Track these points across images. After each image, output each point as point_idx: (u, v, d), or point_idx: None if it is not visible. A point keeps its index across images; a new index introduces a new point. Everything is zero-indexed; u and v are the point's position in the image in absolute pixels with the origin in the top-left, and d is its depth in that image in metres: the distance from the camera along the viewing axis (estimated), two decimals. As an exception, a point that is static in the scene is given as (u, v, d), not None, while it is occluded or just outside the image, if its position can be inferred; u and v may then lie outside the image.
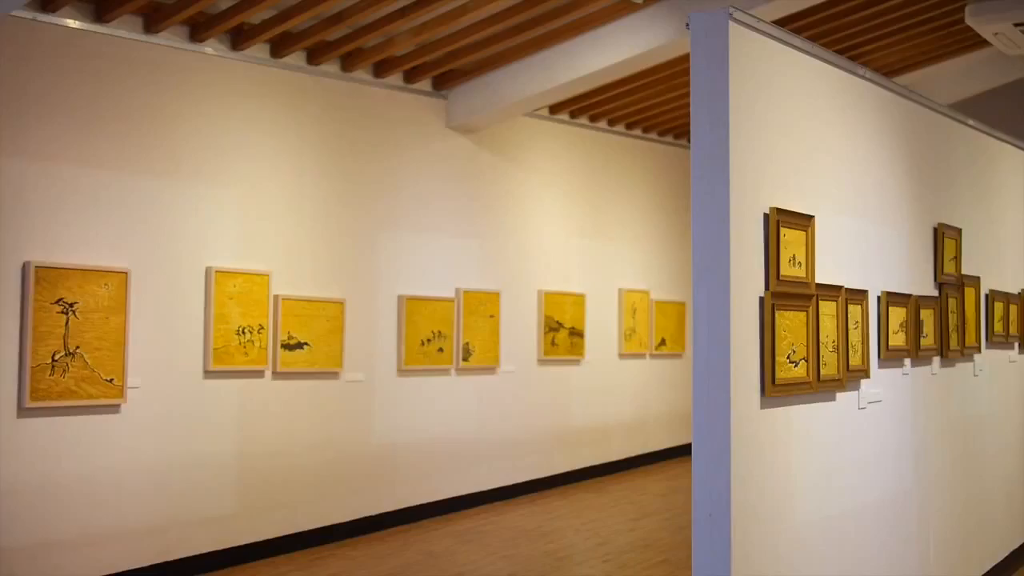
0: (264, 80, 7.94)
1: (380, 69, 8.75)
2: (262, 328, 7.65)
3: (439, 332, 9.16)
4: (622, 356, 11.60)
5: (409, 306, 8.89)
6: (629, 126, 11.75)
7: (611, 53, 8.28)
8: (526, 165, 10.42)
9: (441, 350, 9.18)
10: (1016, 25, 8.82)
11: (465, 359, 9.44)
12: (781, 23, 7.98)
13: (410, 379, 8.95)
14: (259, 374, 7.70)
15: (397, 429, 8.81)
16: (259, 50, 7.87)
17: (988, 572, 6.62)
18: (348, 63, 8.45)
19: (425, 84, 9.24)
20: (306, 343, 7.97)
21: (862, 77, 5.18)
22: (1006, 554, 6.99)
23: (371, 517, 8.55)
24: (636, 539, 8.18)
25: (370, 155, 8.72)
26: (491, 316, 9.72)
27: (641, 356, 11.91)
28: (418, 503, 9.00)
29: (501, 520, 9.04)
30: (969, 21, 8.84)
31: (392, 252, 8.84)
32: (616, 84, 9.85)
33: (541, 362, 10.43)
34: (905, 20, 9.53)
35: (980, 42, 10.17)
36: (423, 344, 9.02)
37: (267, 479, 7.75)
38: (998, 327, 6.90)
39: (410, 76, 9.03)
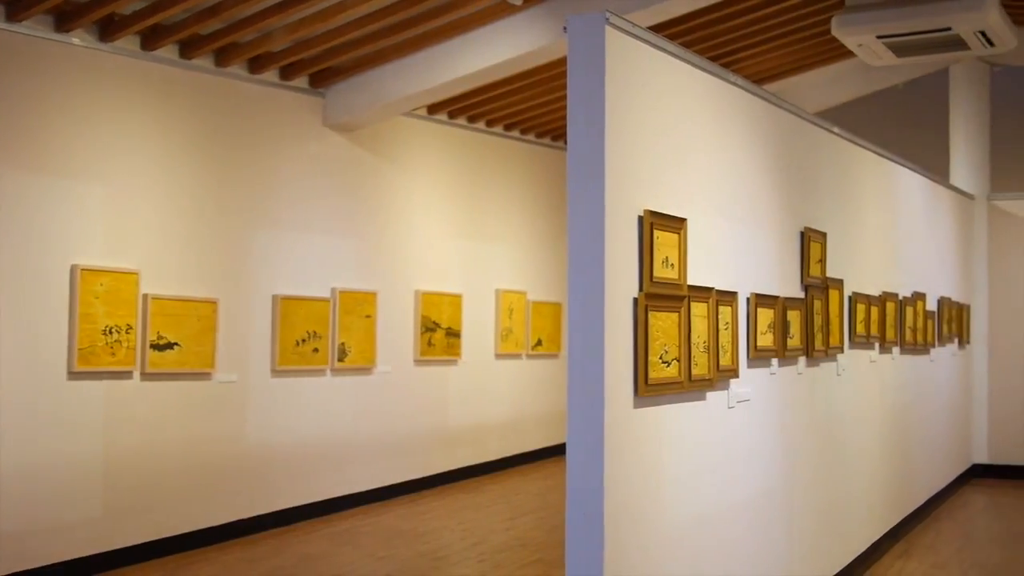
0: (134, 73, 7.72)
1: (255, 65, 8.59)
2: (130, 328, 7.44)
3: (314, 332, 9.05)
4: (499, 356, 11.64)
5: (284, 306, 8.76)
6: (507, 127, 11.81)
7: (490, 54, 8.31)
8: (404, 165, 10.37)
9: (316, 350, 9.08)
10: (879, 37, 9.14)
11: (341, 359, 9.35)
12: (657, 29, 8.11)
13: (284, 380, 8.82)
14: (127, 375, 7.49)
15: (271, 430, 8.68)
16: (129, 42, 7.65)
17: (849, 564, 6.85)
18: (222, 58, 8.28)
19: (302, 81, 9.11)
20: (176, 343, 7.78)
21: (734, 84, 5.30)
22: (866, 547, 7.24)
23: (244, 520, 8.39)
24: (511, 539, 8.22)
25: (244, 152, 8.56)
26: (367, 316, 9.65)
27: (517, 356, 11.98)
28: (293, 505, 8.87)
29: (377, 521, 8.98)
30: (835, 32, 9.13)
31: (267, 251, 8.69)
32: (495, 85, 9.89)
33: (418, 362, 10.39)
34: (775, 30, 9.81)
35: (845, 53, 10.52)
36: (298, 344, 8.89)
37: (135, 482, 7.54)
38: (860, 328, 7.14)
39: (286, 73, 8.90)
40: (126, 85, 7.66)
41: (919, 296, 8.72)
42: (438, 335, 10.60)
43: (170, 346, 7.73)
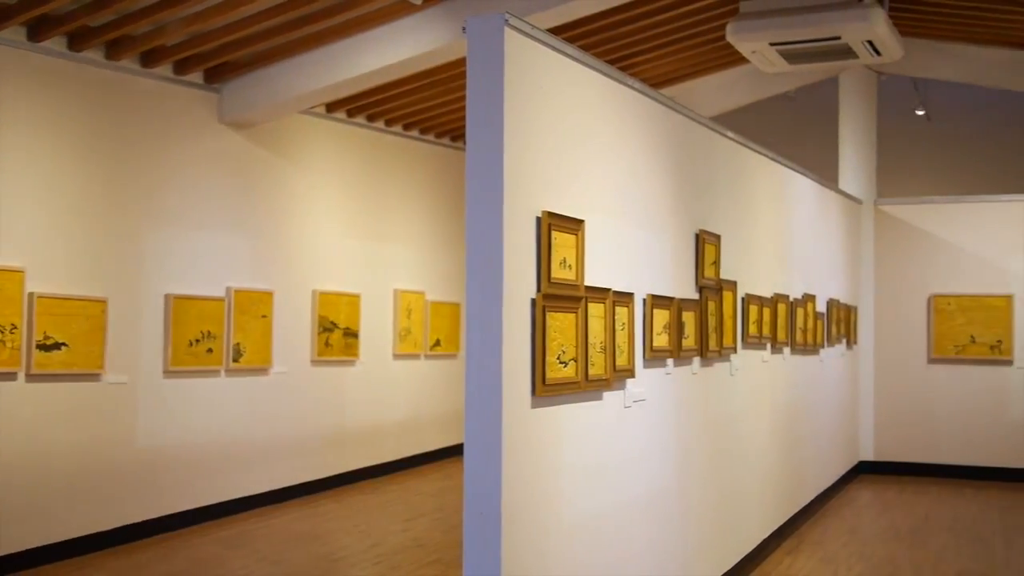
0: (20, 65, 7.47)
1: (148, 59, 8.40)
2: (15, 328, 7.21)
3: (208, 332, 8.88)
4: (397, 357, 11.59)
5: (176, 305, 8.58)
6: (406, 127, 11.76)
7: (389, 53, 8.26)
8: (302, 163, 10.25)
9: (210, 351, 8.91)
10: (772, 44, 9.35)
11: (235, 360, 9.20)
12: (556, 32, 8.16)
13: (177, 381, 8.64)
14: (11, 376, 7.25)
15: (163, 432, 8.49)
16: (14, 32, 7.40)
17: (741, 560, 6.99)
18: (114, 51, 8.07)
19: (196, 76, 8.94)
20: (64, 344, 7.56)
21: (631, 87, 5.37)
22: (757, 543, 7.40)
23: (135, 524, 8.19)
24: (408, 539, 8.19)
25: (136, 148, 8.35)
26: (263, 316, 9.51)
27: (416, 357, 11.94)
28: (185, 509, 8.69)
29: (272, 524, 8.86)
30: (730, 39, 9.31)
31: (159, 249, 8.50)
32: (394, 84, 9.84)
33: (315, 363, 10.28)
34: (672, 35, 9.96)
35: (740, 59, 10.73)
36: (191, 344, 8.72)
37: (20, 487, 7.30)
38: (752, 329, 7.29)
39: (181, 67, 8.71)
40: (12, 78, 7.42)
41: (809, 298, 8.95)
42: (335, 335, 10.51)
43: (57, 346, 7.51)
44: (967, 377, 11.39)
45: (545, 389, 4.31)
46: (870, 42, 9.25)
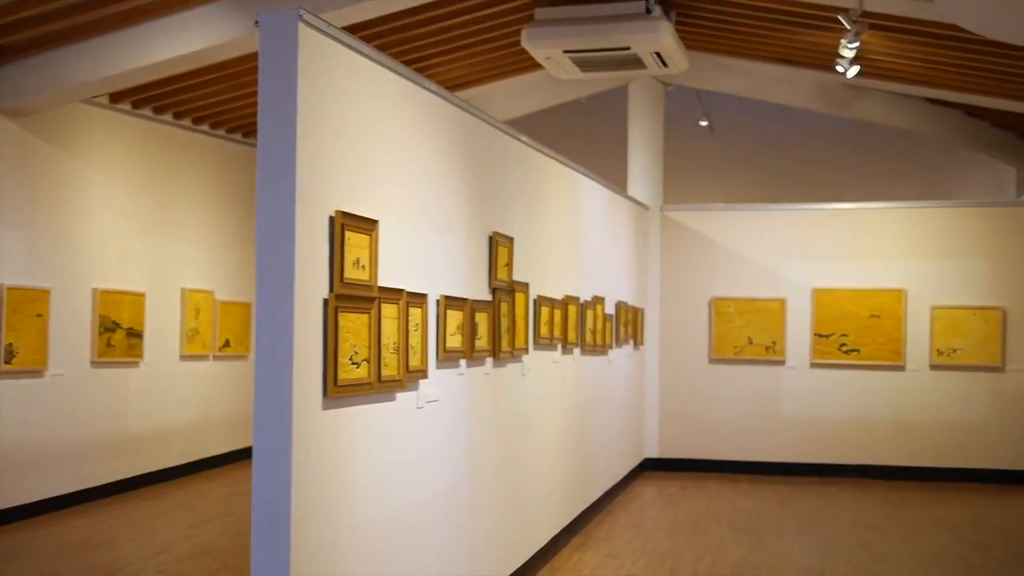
0: None
1: (-88, 39, 7.85)
2: None
3: (-22, 332, 8.36)
4: (184, 358, 11.22)
5: (-58, 303, 8.05)
6: (196, 120, 11.41)
7: (179, 43, 8.00)
8: (83, 155, 9.78)
9: (-20, 352, 8.40)
10: (565, 52, 9.58)
11: (8, 361, 8.69)
12: (352, 30, 8.10)
13: (-58, 384, 8.10)
14: None
15: (-75, 439, 7.94)
16: None
17: (532, 557, 7.11)
18: None
19: (-33, 60, 8.42)
20: None
21: (427, 89, 5.38)
22: (547, 540, 7.54)
23: None
24: (195, 547, 7.95)
25: (-103, 134, 7.79)
26: (39, 315, 9.02)
27: (204, 358, 11.59)
28: (-51, 520, 8.17)
29: (49, 534, 8.41)
30: (524, 45, 9.48)
31: (-77, 243, 7.95)
32: (184, 76, 9.52)
33: (95, 364, 9.83)
34: (469, 38, 10.05)
35: (535, 64, 10.92)
36: (-42, 345, 8.20)
37: None
38: (544, 330, 7.43)
39: (-51, 49, 8.19)
40: None
41: (599, 300, 9.19)
42: (118, 336, 10.08)
43: None
44: (744, 377, 11.97)
45: (337, 390, 4.26)
46: (658, 54, 9.60)
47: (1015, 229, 11.48)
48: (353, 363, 4.40)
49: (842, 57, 9.22)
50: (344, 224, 4.33)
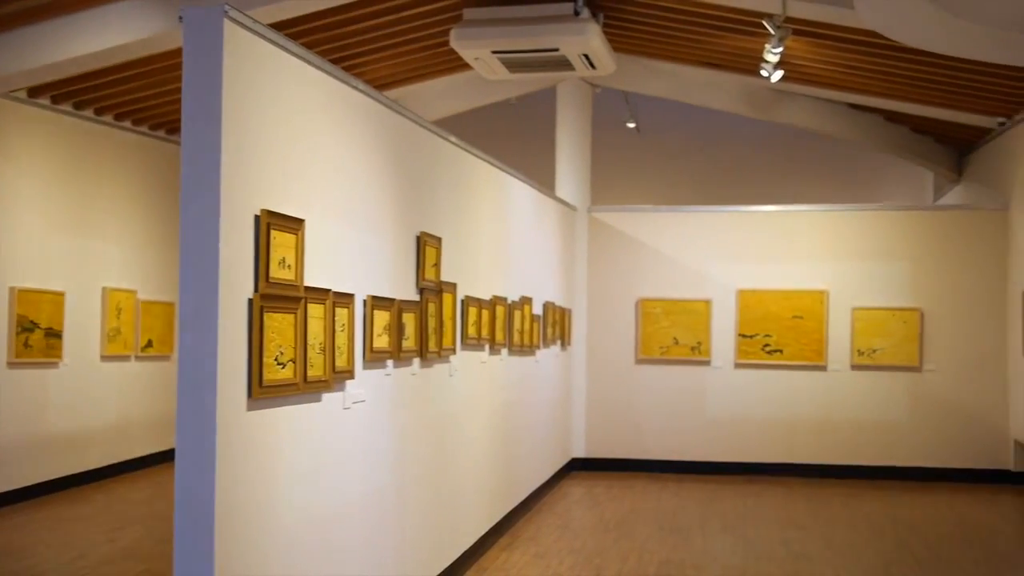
0: None
1: None
2: None
3: None
4: (105, 358, 11.01)
5: None
6: (118, 117, 11.20)
7: (101, 38, 7.86)
8: (0, 151, 9.55)
9: None
10: (494, 52, 9.59)
11: (-79, 362, 8.46)
12: (278, 28, 8.02)
13: None
14: None
15: None
16: None
17: (459, 558, 7.10)
18: None
19: None
20: None
21: (355, 88, 5.35)
22: (474, 541, 7.54)
23: None
24: (116, 551, 7.81)
25: None
26: (-46, 314, 8.80)
27: (126, 358, 11.39)
28: None
29: (-39, 539, 8.21)
30: (453, 44, 9.47)
31: None
32: (106, 71, 9.34)
33: (11, 365, 9.59)
34: (397, 37, 10.00)
35: (464, 64, 10.90)
36: None
37: None
38: (472, 331, 7.43)
39: None
40: None
41: (526, 300, 9.21)
42: (36, 336, 9.86)
43: None
44: (670, 377, 12.08)
45: (262, 391, 4.22)
46: (586, 55, 9.66)
47: (933, 232, 11.75)
48: (279, 363, 4.36)
49: (766, 62, 9.36)
50: (270, 223, 4.29)
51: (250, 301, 4.18)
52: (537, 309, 9.79)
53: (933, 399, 11.58)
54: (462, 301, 7.22)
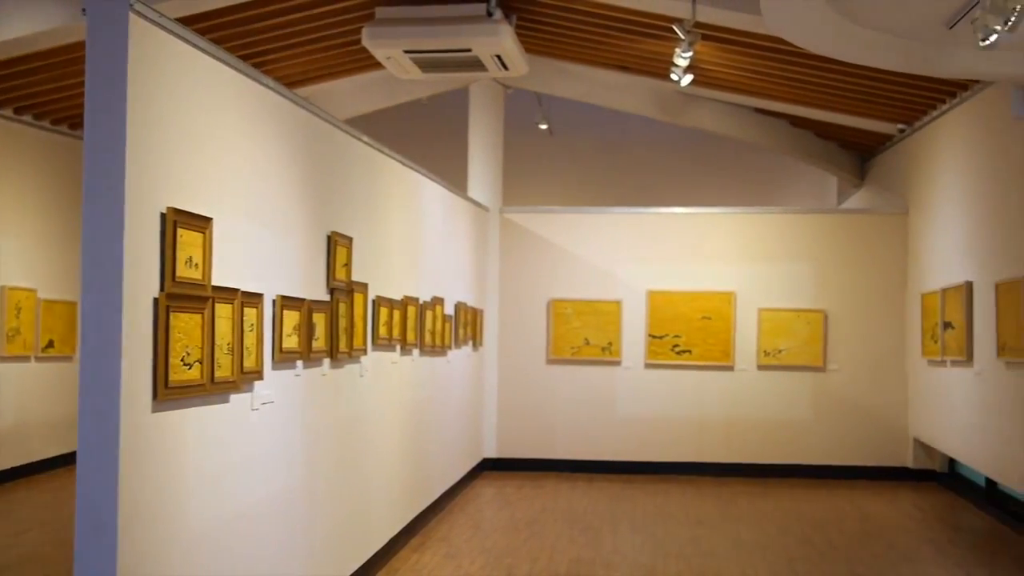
0: None
1: None
2: None
3: None
4: (3, 359, 10.70)
5: None
6: (18, 111, 10.89)
7: (1, 29, 7.63)
8: None
9: None
10: (406, 52, 9.55)
11: None
12: (187, 22, 7.88)
13: None
14: None
15: None
16: None
17: (370, 559, 7.06)
18: None
19: None
20: None
21: (265, 85, 5.28)
22: (385, 542, 7.51)
23: None
24: (15, 557, 7.59)
25: None
26: None
27: (26, 359, 11.08)
28: None
29: None
30: (365, 43, 9.41)
31: None
32: (6, 64, 9.09)
33: (-94, 366, 9.29)
34: (308, 34, 9.91)
35: (376, 63, 10.83)
36: None
37: None
38: (383, 331, 7.39)
39: None
40: None
41: (438, 300, 9.20)
42: (-69, 336, 9.54)
43: None
44: (581, 377, 12.17)
45: (168, 392, 4.15)
46: (498, 56, 9.68)
47: (836, 235, 12.03)
48: (185, 364, 4.28)
49: (676, 66, 9.48)
50: (176, 221, 4.22)
51: (155, 301, 4.10)
52: (449, 309, 9.78)
53: (836, 398, 11.85)
54: (373, 301, 7.18)
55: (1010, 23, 5.99)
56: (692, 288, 12.03)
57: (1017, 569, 7.70)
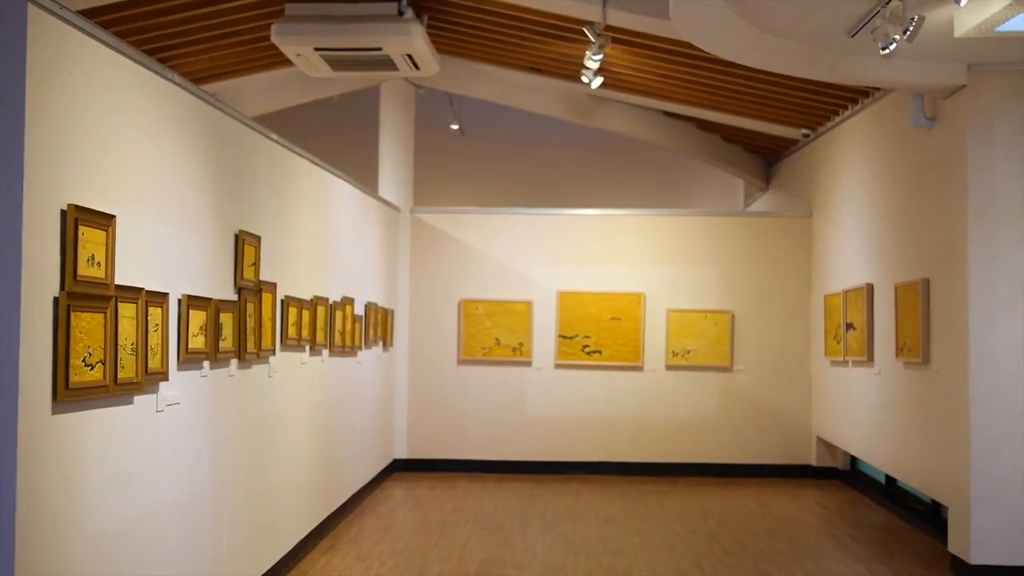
0: None
1: None
2: None
3: None
4: None
5: None
6: (-87, 104, 10.52)
7: None
8: None
9: None
10: (317, 49, 9.46)
11: None
12: (89, 15, 7.70)
13: None
14: None
15: None
16: None
17: (278, 563, 6.98)
18: None
19: None
20: None
21: (171, 81, 5.19)
22: (294, 545, 7.43)
23: None
24: (-94, 565, 7.34)
25: None
26: None
27: (-80, 361, 10.71)
28: None
29: None
30: (274, 40, 9.30)
31: None
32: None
33: None
34: (215, 30, 9.75)
35: (286, 60, 10.72)
36: None
37: None
38: (292, 331, 7.32)
39: None
40: None
41: (348, 301, 9.13)
42: None
43: None
44: (492, 377, 12.19)
45: (68, 394, 4.05)
46: (410, 56, 9.65)
47: (743, 237, 12.24)
48: (87, 365, 4.19)
49: (587, 68, 9.55)
50: (77, 218, 4.12)
51: (55, 300, 4.00)
52: (359, 310, 9.72)
53: (742, 398, 12.06)
54: (282, 301, 7.11)
55: (908, 32, 6.17)
56: (602, 289, 12.14)
57: (915, 562, 7.93)
